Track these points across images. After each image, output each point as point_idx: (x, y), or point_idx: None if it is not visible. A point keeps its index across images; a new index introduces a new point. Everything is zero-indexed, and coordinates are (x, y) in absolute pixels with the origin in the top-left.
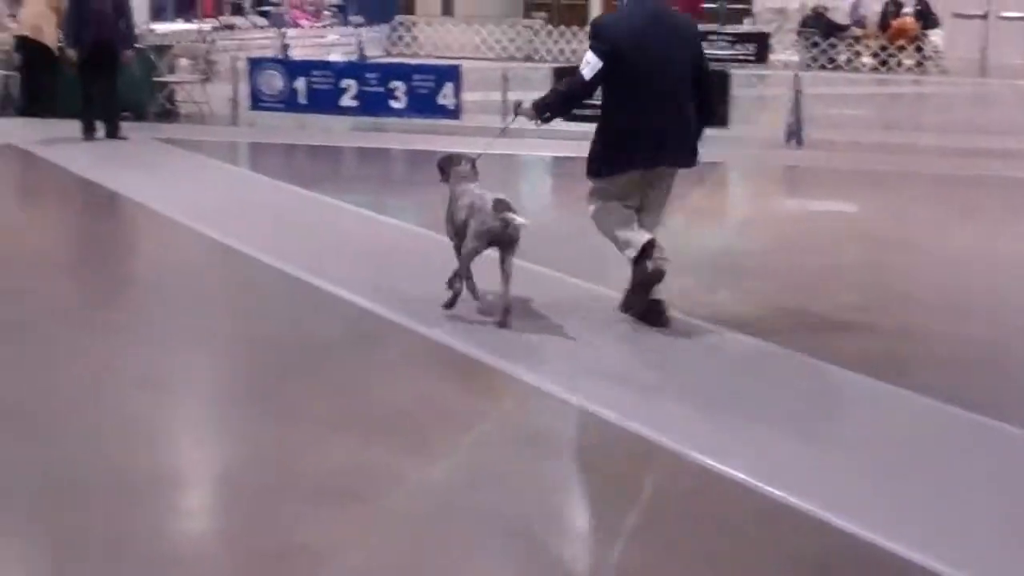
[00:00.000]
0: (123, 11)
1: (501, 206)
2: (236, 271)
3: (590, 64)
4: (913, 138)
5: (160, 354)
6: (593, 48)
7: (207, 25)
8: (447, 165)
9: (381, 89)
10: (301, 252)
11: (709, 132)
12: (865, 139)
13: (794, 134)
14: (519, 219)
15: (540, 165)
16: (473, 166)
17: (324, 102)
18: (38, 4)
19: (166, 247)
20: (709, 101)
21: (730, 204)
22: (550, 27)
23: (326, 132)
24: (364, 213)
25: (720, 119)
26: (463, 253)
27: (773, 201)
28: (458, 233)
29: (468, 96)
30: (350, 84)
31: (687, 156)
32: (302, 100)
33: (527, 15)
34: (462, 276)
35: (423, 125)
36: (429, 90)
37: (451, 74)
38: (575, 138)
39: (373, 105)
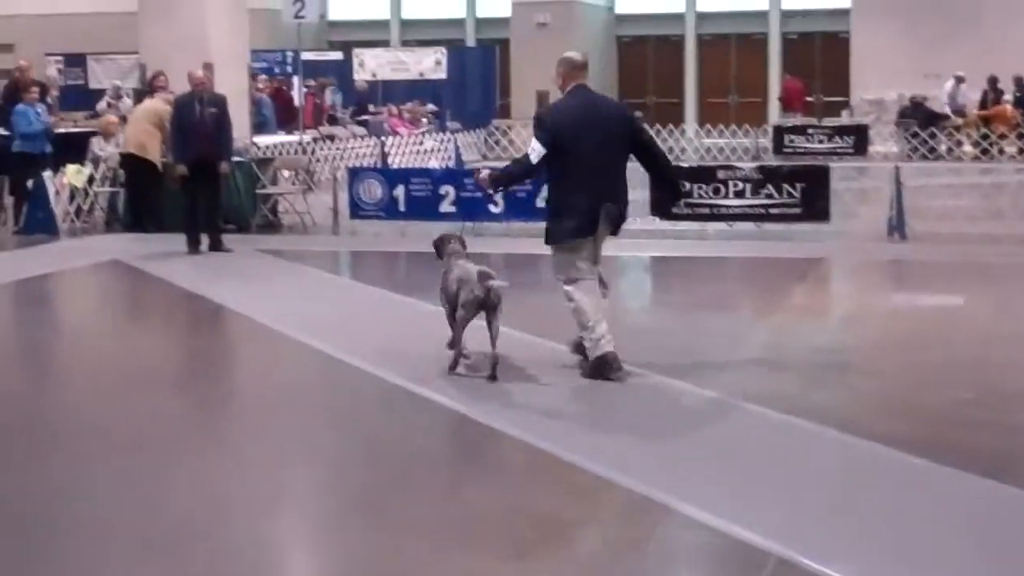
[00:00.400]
0: (223, 125)
1: (484, 276)
2: (341, 382)
3: (535, 151)
4: (1019, 228)
5: (268, 468)
6: (537, 137)
7: (308, 136)
8: (442, 245)
9: (479, 194)
10: (404, 360)
11: (810, 227)
12: (970, 230)
13: (896, 227)
14: (500, 283)
15: (645, 265)
16: (462, 242)
17: (423, 209)
18: (142, 122)
19: (272, 360)
20: (660, 165)
21: (834, 300)
22: (645, 126)
23: (426, 239)
24: None
25: (821, 214)
26: (457, 321)
27: (878, 296)
28: (450, 302)
29: None
30: (448, 190)
31: (620, 220)
32: (402, 207)
33: None
34: (456, 342)
35: (522, 228)
36: (527, 193)
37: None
38: (683, 237)
39: (472, 210)
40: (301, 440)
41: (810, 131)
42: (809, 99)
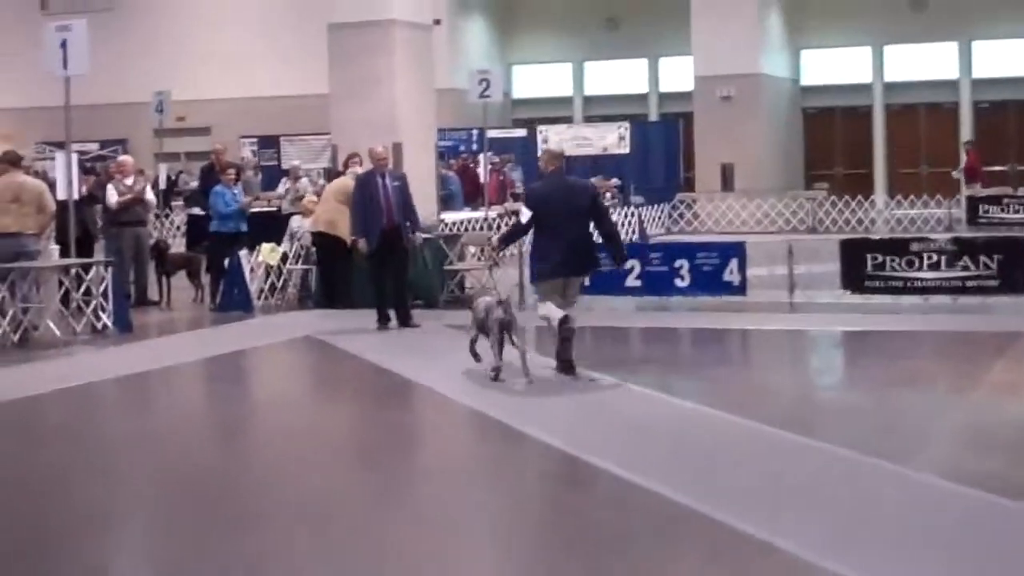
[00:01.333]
0: (406, 200)
1: (500, 302)
2: (525, 457)
3: (524, 215)
4: None
5: (452, 543)
6: (525, 205)
7: (493, 212)
8: (471, 303)
9: (665, 268)
10: (588, 436)
11: (1009, 300)
12: None
13: None
14: (510, 304)
15: (836, 340)
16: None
17: (608, 284)
18: (331, 200)
19: (456, 433)
20: (605, 229)
21: None
22: (833, 198)
23: (611, 313)
24: (652, 394)
25: (1020, 286)
26: (491, 339)
27: None
28: (478, 325)
29: (753, 271)
30: (633, 264)
31: (585, 267)
32: (586, 282)
33: (808, 187)
34: (496, 354)
35: (708, 303)
36: (714, 267)
37: (736, 250)
38: (876, 311)
39: (657, 284)
40: (485, 513)
41: (1005, 201)
42: (1000, 168)
